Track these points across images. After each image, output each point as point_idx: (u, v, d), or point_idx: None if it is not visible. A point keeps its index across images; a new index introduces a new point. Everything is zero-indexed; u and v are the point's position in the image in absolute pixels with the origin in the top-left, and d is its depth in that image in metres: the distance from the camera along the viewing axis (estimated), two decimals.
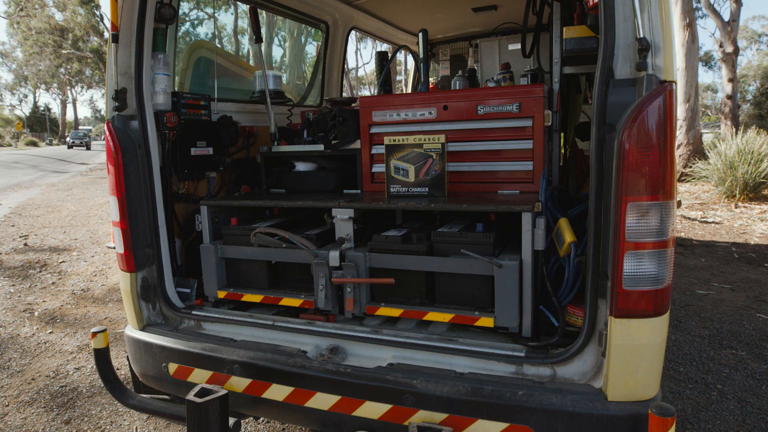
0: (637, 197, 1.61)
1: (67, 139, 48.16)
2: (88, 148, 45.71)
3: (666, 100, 1.58)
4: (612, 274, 1.67)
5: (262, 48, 3.39)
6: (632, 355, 1.69)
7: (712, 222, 9.10)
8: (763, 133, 11.68)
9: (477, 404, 1.81)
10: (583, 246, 2.09)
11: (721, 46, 20.51)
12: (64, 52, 46.91)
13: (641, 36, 1.60)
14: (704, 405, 3.21)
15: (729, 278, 5.88)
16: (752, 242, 7.63)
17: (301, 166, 3.03)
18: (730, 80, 20.01)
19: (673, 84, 1.61)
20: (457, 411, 1.83)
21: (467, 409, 1.82)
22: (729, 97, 19.92)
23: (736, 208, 10.23)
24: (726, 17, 20.67)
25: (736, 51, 20.34)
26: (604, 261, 1.72)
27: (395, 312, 2.23)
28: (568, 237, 1.96)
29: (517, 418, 1.77)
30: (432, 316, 2.16)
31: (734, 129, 12.92)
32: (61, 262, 7.05)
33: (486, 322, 2.05)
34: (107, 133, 2.40)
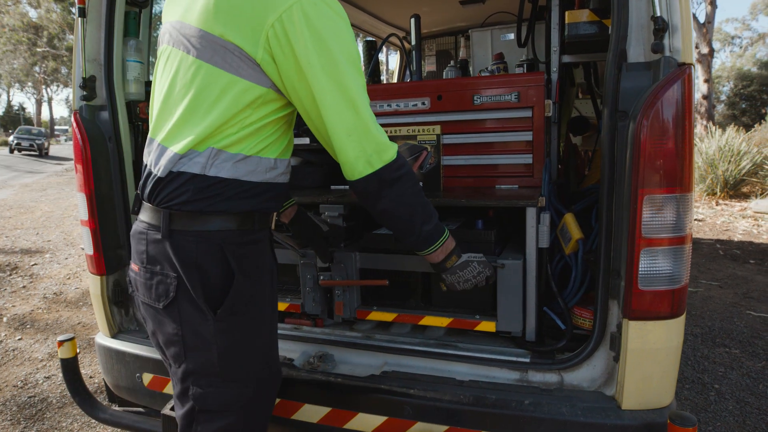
0: (653, 190, 1.49)
1: (10, 139, 31.69)
2: (42, 154, 30.50)
3: (684, 84, 1.46)
4: (626, 272, 1.55)
5: None
6: (648, 360, 1.56)
7: (695, 219, 9.15)
8: (742, 131, 11.83)
9: (480, 415, 1.68)
10: (591, 243, 1.97)
11: (696, 47, 20.81)
12: (38, 50, 45.64)
13: (657, 15, 1.48)
14: (703, 406, 3.12)
15: (716, 275, 5.86)
16: (736, 239, 7.67)
17: None
18: (706, 81, 20.33)
19: (692, 67, 1.49)
20: (459, 422, 1.70)
21: (470, 421, 1.69)
22: (705, 97, 20.23)
23: (717, 205, 10.32)
24: (702, 19, 21.00)
25: (711, 52, 20.67)
26: (616, 259, 1.60)
27: (388, 316, 2.08)
28: (576, 234, 1.84)
29: (524, 429, 1.64)
30: (428, 320, 2.02)
31: (713, 128, 13.08)
32: (33, 265, 6.75)
33: (487, 326, 1.91)
34: (74, 124, 2.21)
